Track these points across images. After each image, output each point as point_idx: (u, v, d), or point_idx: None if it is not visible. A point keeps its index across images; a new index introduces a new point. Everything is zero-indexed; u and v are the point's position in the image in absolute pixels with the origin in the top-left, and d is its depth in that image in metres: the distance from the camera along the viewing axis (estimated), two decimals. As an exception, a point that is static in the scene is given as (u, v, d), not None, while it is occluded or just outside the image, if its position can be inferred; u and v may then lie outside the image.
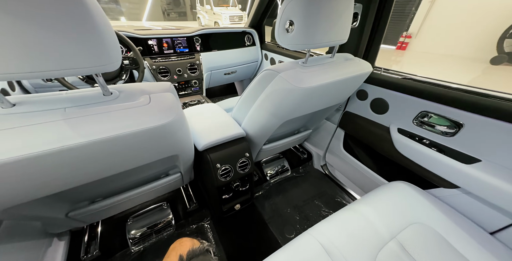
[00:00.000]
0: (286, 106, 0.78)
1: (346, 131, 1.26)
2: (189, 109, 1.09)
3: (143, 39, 1.35)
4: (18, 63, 0.33)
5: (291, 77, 0.70)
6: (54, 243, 0.91)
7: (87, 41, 0.36)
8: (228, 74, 1.81)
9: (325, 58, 0.85)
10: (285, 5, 0.63)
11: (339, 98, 0.97)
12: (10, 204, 0.46)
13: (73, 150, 0.40)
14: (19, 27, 0.31)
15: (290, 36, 0.65)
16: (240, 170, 0.95)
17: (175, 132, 0.55)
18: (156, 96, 0.52)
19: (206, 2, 8.35)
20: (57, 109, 0.44)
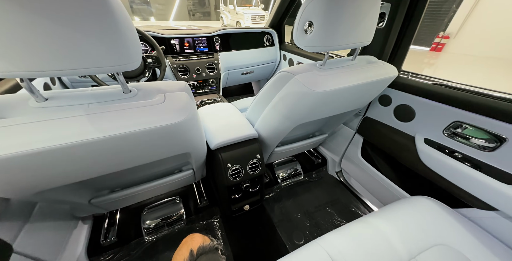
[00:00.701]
0: (300, 110, 0.75)
1: (365, 138, 1.19)
2: (205, 108, 1.11)
3: (167, 38, 1.40)
4: (48, 62, 0.35)
5: (306, 80, 0.68)
6: (79, 226, 0.99)
7: (109, 42, 0.38)
8: (246, 74, 1.81)
9: (345, 61, 0.81)
10: (305, 5, 0.61)
11: (358, 103, 0.92)
12: (38, 189, 0.51)
13: (92, 144, 0.42)
14: (50, 29, 0.33)
15: (308, 38, 0.63)
16: (251, 171, 0.94)
17: (188, 131, 0.56)
18: (171, 95, 0.53)
19: (230, 2, 8.47)
20: (82, 105, 0.48)
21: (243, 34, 1.65)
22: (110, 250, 1.01)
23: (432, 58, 5.17)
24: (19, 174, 0.42)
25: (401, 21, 0.89)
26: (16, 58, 0.33)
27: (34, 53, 0.34)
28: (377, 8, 0.64)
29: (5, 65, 0.33)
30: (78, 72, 0.38)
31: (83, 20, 0.35)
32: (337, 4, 0.56)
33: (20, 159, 0.38)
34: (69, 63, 0.36)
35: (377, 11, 0.65)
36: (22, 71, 0.35)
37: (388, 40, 0.93)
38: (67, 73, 0.38)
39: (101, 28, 0.37)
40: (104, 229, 1.07)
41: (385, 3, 0.89)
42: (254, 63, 1.76)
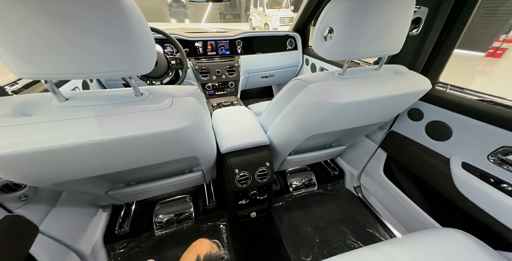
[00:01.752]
0: (313, 120, 0.70)
1: (389, 154, 1.07)
2: (220, 110, 1.11)
3: (191, 41, 1.45)
4: (65, 66, 0.38)
5: (321, 90, 0.63)
6: (99, 214, 1.07)
7: (121, 50, 0.39)
8: (266, 78, 1.78)
9: (369, 70, 0.73)
10: (327, 11, 0.57)
11: (381, 117, 0.83)
12: (55, 181, 0.55)
13: (99, 145, 0.44)
14: (69, 36, 0.35)
15: (327, 45, 0.60)
16: (259, 178, 0.91)
17: (193, 136, 0.56)
18: (178, 100, 0.53)
19: (259, 4, 8.55)
20: (96, 106, 0.50)
21: (265, 37, 1.63)
22: (123, 240, 1.07)
23: (487, 65, 4.49)
24: (35, 168, 0.46)
25: (440, 27, 0.78)
26: (40, 62, 0.36)
27: (54, 58, 0.37)
28: (409, 13, 0.57)
29: (30, 68, 0.37)
30: (92, 75, 0.41)
31: (98, 29, 0.36)
32: (361, 10, 0.52)
33: (35, 155, 0.41)
34: (83, 68, 0.39)
35: (410, 17, 0.58)
36: (44, 74, 0.38)
37: (423, 48, 0.82)
38: (82, 76, 0.40)
39: (115, 37, 0.38)
40: (120, 219, 1.14)
41: (422, 7, 0.79)
42: (274, 67, 1.73)
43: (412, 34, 0.83)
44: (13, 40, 0.34)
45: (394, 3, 0.53)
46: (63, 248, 0.79)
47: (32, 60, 0.36)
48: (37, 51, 0.35)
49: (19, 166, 0.44)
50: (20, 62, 0.36)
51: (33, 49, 0.35)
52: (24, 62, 0.36)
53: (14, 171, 0.45)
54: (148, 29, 0.45)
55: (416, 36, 0.83)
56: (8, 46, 0.35)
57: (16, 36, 0.34)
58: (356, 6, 0.52)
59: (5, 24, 0.33)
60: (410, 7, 0.56)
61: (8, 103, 0.47)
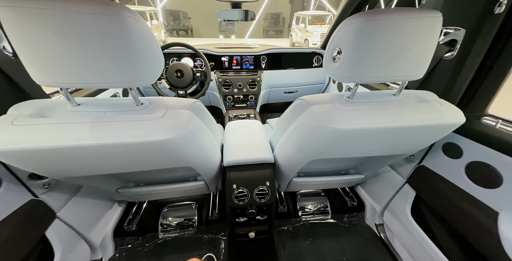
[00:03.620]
0: (313, 144, 0.65)
1: (419, 193, 0.89)
2: (233, 123, 1.12)
3: (218, 56, 1.55)
4: (73, 77, 0.43)
5: (322, 113, 0.58)
6: (114, 207, 1.16)
7: (120, 64, 0.43)
8: (289, 93, 1.76)
9: (385, 95, 0.65)
10: (337, 31, 0.55)
11: (402, 149, 0.70)
12: (62, 175, 0.61)
13: (89, 148, 0.48)
14: (78, 51, 0.41)
15: (335, 66, 0.57)
16: (257, 197, 0.87)
17: (182, 148, 0.57)
18: (171, 112, 0.56)
19: (302, 20, 8.73)
20: (100, 112, 0.56)
21: (291, 54, 1.63)
22: (129, 236, 1.12)
23: None
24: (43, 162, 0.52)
25: (484, 50, 0.66)
26: (53, 73, 0.43)
27: (64, 71, 0.43)
28: (434, 35, 0.50)
29: (47, 78, 0.44)
30: (95, 85, 0.46)
31: (101, 48, 0.41)
32: (370, 31, 0.48)
33: (38, 152, 0.47)
34: (87, 79, 0.44)
35: (435, 39, 0.51)
36: (57, 82, 0.44)
37: (460, 74, 0.69)
38: (87, 86, 0.45)
39: (114, 54, 0.42)
40: (130, 215, 1.21)
41: (456, 28, 0.68)
42: (298, 83, 1.70)
43: (447, 58, 0.72)
44: (34, 55, 0.41)
45: (412, 24, 0.47)
46: (75, 235, 0.87)
47: (48, 72, 0.43)
48: (51, 65, 0.42)
49: (30, 160, 0.51)
50: (39, 73, 0.43)
51: (48, 63, 0.41)
52: (42, 73, 0.43)
53: (27, 164, 0.53)
54: (154, 46, 0.48)
55: (452, 60, 0.71)
56: (31, 60, 0.42)
57: (36, 52, 0.41)
58: (365, 27, 0.48)
59: (28, 42, 0.40)
60: (434, 29, 0.49)
61: (32, 105, 0.55)
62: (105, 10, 0.39)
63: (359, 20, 0.49)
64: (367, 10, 1.41)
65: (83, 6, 0.38)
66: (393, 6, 4.82)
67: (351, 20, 0.51)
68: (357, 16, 0.50)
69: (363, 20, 0.48)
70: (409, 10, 0.48)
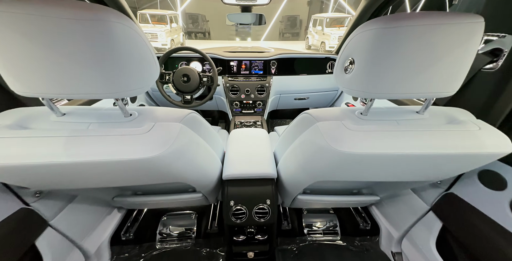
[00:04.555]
0: (317, 165, 0.58)
1: (446, 224, 0.77)
2: (237, 131, 1.07)
3: (227, 60, 1.51)
4: (51, 87, 0.40)
5: (328, 131, 0.50)
6: (113, 214, 1.14)
7: (103, 74, 0.40)
8: (300, 100, 1.67)
9: (406, 112, 0.55)
10: (350, 39, 0.48)
11: (425, 176, 0.60)
12: (48, 188, 0.59)
13: (61, 166, 0.44)
14: (57, 61, 0.38)
15: (347, 78, 0.49)
16: (257, 216, 0.79)
17: (170, 165, 0.52)
18: (160, 125, 0.51)
19: (319, 23, 8.55)
20: (84, 123, 0.52)
21: (302, 59, 1.55)
22: (126, 245, 1.09)
23: None
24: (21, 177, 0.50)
25: None
26: (30, 83, 0.40)
27: (42, 80, 0.40)
28: (473, 43, 0.41)
29: (23, 87, 0.41)
30: (77, 96, 0.42)
31: (82, 56, 0.38)
32: (390, 40, 0.40)
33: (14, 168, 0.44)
34: (68, 89, 0.41)
35: (473, 48, 0.42)
36: (35, 92, 0.42)
37: (506, 90, 0.57)
38: (69, 96, 0.43)
39: (97, 64, 0.39)
40: (128, 223, 1.18)
41: (506, 35, 0.56)
42: (309, 90, 1.60)
43: (487, 70, 0.60)
44: (8, 64, 0.39)
45: (445, 31, 0.38)
46: (68, 244, 0.84)
47: (25, 81, 0.40)
48: (28, 74, 0.39)
49: (8, 175, 0.48)
50: (16, 82, 0.41)
51: (24, 72, 0.39)
52: (19, 82, 0.40)
53: (6, 178, 0.50)
54: (146, 54, 0.45)
55: (494, 73, 0.59)
56: (5, 69, 0.40)
57: (10, 60, 0.38)
58: (384, 35, 0.40)
59: (4, 51, 0.37)
60: (474, 36, 0.40)
61: (15, 114, 0.53)
62: (87, 16, 0.35)
63: (376, 27, 0.41)
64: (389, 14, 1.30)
65: (62, 10, 0.34)
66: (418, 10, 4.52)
67: (366, 26, 0.43)
68: (374, 22, 0.42)
69: (381, 27, 0.40)
70: (440, 14, 0.39)
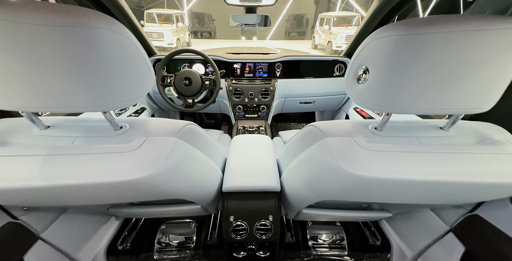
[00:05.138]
0: (324, 185, 0.53)
1: (469, 250, 0.69)
2: (239, 138, 1.02)
3: (230, 63, 1.46)
4: (24, 98, 0.37)
5: (339, 149, 0.45)
6: (109, 222, 1.09)
7: (87, 83, 0.36)
8: (305, 103, 1.61)
9: (428, 128, 0.49)
10: (364, 45, 0.42)
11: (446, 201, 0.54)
12: (35, 205, 0.55)
13: (37, 190, 0.41)
14: (35, 73, 0.34)
15: (360, 88, 0.44)
16: (258, 233, 0.75)
17: (161, 184, 0.48)
18: (151, 140, 0.47)
19: (326, 22, 8.40)
20: (69, 137, 0.49)
21: (309, 61, 1.48)
22: (122, 255, 1.05)
23: None
24: None
25: None
26: (4, 95, 0.37)
27: (17, 93, 0.36)
28: None
29: None
30: (58, 110, 0.39)
31: (59, 67, 0.34)
32: (413, 50, 0.35)
33: None
34: (47, 102, 0.37)
35: None
36: (9, 106, 0.38)
37: None
38: (48, 110, 0.39)
39: (78, 74, 0.35)
40: (126, 231, 1.13)
41: None
42: (316, 94, 1.54)
43: None
44: None
45: (482, 39, 0.32)
46: (61, 257, 0.80)
47: None
48: (1, 86, 0.36)
49: None
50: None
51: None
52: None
53: None
54: (139, 62, 0.41)
55: None
56: None
57: None
58: (405, 42, 0.35)
59: None
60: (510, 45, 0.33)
61: None
62: (67, 21, 0.31)
63: (396, 33, 0.36)
64: (399, 17, 1.21)
65: (37, 15, 0.30)
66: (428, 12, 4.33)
67: (383, 32, 0.38)
68: (392, 27, 0.37)
69: (401, 34, 0.35)
70: (473, 18, 0.33)
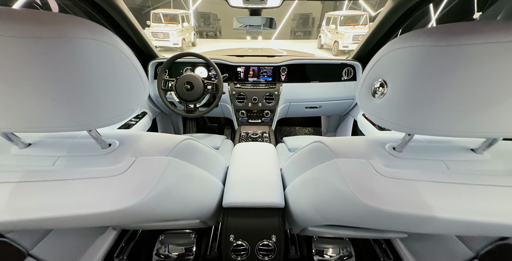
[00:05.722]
0: (334, 211, 0.47)
1: None
2: (242, 146, 0.97)
3: (233, 66, 1.41)
4: (3, 121, 0.33)
5: (352, 175, 0.40)
6: (106, 233, 1.03)
7: (71, 101, 0.32)
8: (311, 108, 1.55)
9: (457, 150, 0.43)
10: (381, 55, 0.37)
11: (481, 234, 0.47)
12: None
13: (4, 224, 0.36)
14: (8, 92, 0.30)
15: (376, 103, 0.38)
16: (260, 254, 0.70)
17: (151, 210, 0.43)
18: (142, 161, 0.42)
19: (333, 21, 8.25)
20: (51, 157, 0.44)
21: (316, 65, 1.42)
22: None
23: None
24: None
25: None
26: None
27: None
28: None
29: None
30: (38, 130, 0.35)
31: (35, 79, 0.30)
32: (446, 64, 0.29)
33: None
34: (22, 121, 0.33)
35: None
36: None
37: None
38: (25, 130, 0.35)
39: (61, 89, 0.31)
40: (122, 243, 1.08)
41: None
42: (323, 98, 1.47)
43: None
44: None
45: None
46: None
47: None
48: None
49: None
50: None
51: None
52: None
53: None
54: (130, 74, 0.37)
55: None
56: None
57: None
58: (434, 56, 0.29)
59: None
60: None
61: None
62: (42, 32, 0.27)
63: (422, 44, 0.30)
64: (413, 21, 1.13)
65: (4, 26, 0.27)
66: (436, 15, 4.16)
67: (405, 41, 0.32)
68: (416, 35, 0.31)
69: (430, 44, 0.29)
70: None
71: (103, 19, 1.07)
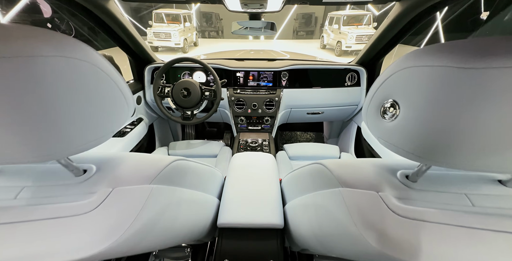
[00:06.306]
0: (340, 248, 0.43)
1: None
2: (239, 157, 0.92)
3: (232, 71, 1.37)
4: None
5: (359, 210, 0.36)
6: None
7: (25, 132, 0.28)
8: (313, 114, 1.50)
9: (482, 182, 0.38)
10: (392, 72, 0.32)
11: None
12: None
13: None
14: None
15: (387, 126, 0.34)
16: None
17: (131, 248, 0.38)
18: (119, 192, 0.37)
19: (336, 21, 8.15)
20: (14, 188, 0.39)
21: (318, 70, 1.37)
22: None
23: None
24: None
25: None
26: None
27: None
28: None
29: None
30: None
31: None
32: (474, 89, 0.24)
33: None
34: None
35: None
36: None
37: None
38: None
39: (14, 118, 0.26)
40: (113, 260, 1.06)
41: None
42: (325, 104, 1.42)
43: None
44: None
45: None
46: None
47: None
48: None
49: None
50: None
51: None
52: None
53: None
54: (111, 92, 0.32)
55: None
56: None
57: None
58: (461, 78, 0.24)
59: None
60: None
61: None
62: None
63: (444, 64, 0.25)
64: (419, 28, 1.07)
65: None
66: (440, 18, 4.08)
67: (424, 58, 0.27)
68: (440, 51, 0.26)
69: (454, 66, 0.24)
70: None
71: (95, 24, 1.03)
